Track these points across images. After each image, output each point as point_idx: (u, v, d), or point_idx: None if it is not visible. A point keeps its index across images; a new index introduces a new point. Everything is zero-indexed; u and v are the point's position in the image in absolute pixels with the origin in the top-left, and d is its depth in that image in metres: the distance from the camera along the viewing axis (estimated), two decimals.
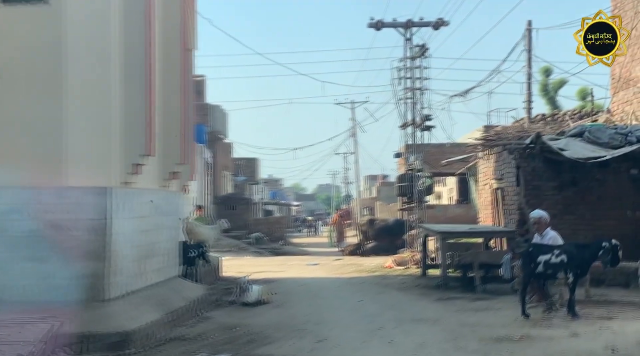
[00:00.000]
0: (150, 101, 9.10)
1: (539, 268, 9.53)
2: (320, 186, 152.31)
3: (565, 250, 9.48)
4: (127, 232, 8.65)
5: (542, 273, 9.56)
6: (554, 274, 9.55)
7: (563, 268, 9.38)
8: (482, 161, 16.84)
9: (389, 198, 47.46)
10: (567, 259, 9.36)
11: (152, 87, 9.28)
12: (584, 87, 38.78)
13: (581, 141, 12.07)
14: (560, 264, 9.39)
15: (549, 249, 9.63)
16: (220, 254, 24.34)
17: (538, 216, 10.82)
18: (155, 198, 10.05)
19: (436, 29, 26.01)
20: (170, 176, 11.19)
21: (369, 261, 22.66)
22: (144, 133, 8.88)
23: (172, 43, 11.51)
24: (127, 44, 8.96)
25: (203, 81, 35.73)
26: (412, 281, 14.89)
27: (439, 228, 14.72)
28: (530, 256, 9.66)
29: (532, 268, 9.56)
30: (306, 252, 32.14)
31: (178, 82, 11.34)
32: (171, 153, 11.01)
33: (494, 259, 13.27)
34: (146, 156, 9.04)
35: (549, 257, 9.48)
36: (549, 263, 9.46)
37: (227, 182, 43.75)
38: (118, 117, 8.78)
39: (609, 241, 9.30)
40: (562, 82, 40.05)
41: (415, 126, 26.37)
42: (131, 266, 8.88)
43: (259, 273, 17.39)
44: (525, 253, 9.83)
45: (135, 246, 9.03)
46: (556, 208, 13.50)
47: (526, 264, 9.70)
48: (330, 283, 15.33)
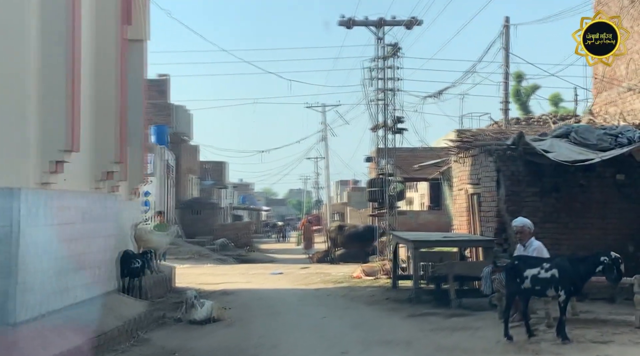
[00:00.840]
0: (74, 90, 7.73)
1: (526, 283, 8.37)
2: (292, 190, 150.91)
3: (557, 264, 8.32)
4: (43, 242, 7.29)
5: (530, 289, 8.41)
6: (542, 291, 8.39)
7: (554, 285, 8.21)
8: (457, 165, 15.74)
9: (360, 203, 46.48)
10: (558, 274, 8.20)
11: (77, 75, 7.91)
12: (557, 93, 38.27)
13: (567, 142, 11.01)
14: (551, 280, 8.23)
15: (537, 263, 8.49)
16: (180, 262, 23.00)
17: (521, 225, 9.70)
18: (85, 201, 8.68)
19: (409, 29, 25.01)
20: (104, 176, 9.81)
21: (337, 270, 21.45)
22: (65, 125, 7.52)
23: (107, 31, 10.17)
24: (47, 27, 7.61)
25: (166, 80, 34.29)
26: (382, 294, 13.70)
27: (411, 236, 13.55)
28: (516, 269, 8.50)
29: (518, 283, 8.41)
30: (273, 259, 30.82)
31: (114, 73, 9.99)
32: (105, 150, 9.65)
33: (470, 271, 12.13)
34: (68, 151, 7.68)
35: (537, 271, 8.32)
36: (538, 278, 8.30)
37: (192, 186, 42.21)
38: (35, 107, 7.42)
39: (607, 254, 8.15)
40: (535, 88, 39.55)
41: (386, 129, 25.30)
42: (49, 282, 7.52)
43: (216, 284, 16.06)
44: (510, 267, 8.67)
45: (55, 258, 7.66)
46: (537, 215, 12.38)
47: (511, 279, 8.54)
48: (293, 295, 14.07)
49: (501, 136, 12.59)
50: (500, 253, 13.09)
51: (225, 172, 55.90)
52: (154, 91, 33.54)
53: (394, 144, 25.09)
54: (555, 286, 8.18)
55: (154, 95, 33.20)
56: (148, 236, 14.39)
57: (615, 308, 10.91)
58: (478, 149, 13.82)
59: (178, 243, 26.06)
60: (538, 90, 39.23)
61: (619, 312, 10.53)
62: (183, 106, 34.76)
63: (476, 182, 14.25)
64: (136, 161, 14.37)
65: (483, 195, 13.75)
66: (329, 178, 57.77)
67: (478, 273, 12.01)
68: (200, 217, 38.12)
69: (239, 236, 37.41)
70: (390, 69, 24.95)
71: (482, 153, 13.62)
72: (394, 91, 24.96)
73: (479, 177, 14.07)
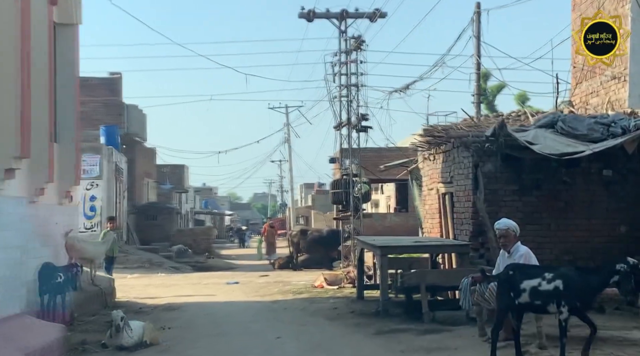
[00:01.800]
0: None
1: (523, 297, 6.94)
2: (256, 194, 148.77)
3: (562, 274, 6.91)
4: None
5: (527, 304, 6.97)
6: (543, 306, 6.96)
7: (556, 299, 6.80)
8: (427, 162, 14.38)
9: (325, 206, 45.20)
10: (563, 286, 6.79)
11: None
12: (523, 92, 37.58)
13: (553, 133, 9.71)
14: (554, 293, 6.80)
15: (537, 272, 7.08)
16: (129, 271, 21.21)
17: (505, 227, 8.34)
18: None
19: (373, 21, 23.71)
20: (5, 175, 8.12)
21: (299, 277, 19.96)
22: None
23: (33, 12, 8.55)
24: None
25: (118, 78, 32.36)
26: (346, 306, 12.25)
27: (378, 241, 12.12)
28: (511, 281, 7.07)
29: (513, 297, 6.99)
30: (233, 266, 29.20)
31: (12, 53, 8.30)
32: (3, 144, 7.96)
33: (444, 280, 10.76)
34: None
35: (537, 282, 6.90)
36: (538, 291, 6.87)
37: (149, 190, 40.30)
38: None
39: (624, 261, 6.73)
40: (501, 87, 38.88)
41: (350, 127, 23.93)
42: None
43: (162, 297, 14.42)
44: (505, 277, 7.22)
45: None
46: (516, 216, 11.01)
47: (504, 293, 7.09)
48: (246, 309, 12.52)
49: (476, 130, 11.26)
50: (477, 259, 11.77)
51: (185, 175, 54.01)
52: (105, 90, 31.68)
53: (359, 144, 23.75)
54: (558, 300, 6.78)
55: (104, 93, 31.34)
56: (81, 246, 12.72)
57: (608, 320, 9.64)
58: (451, 144, 12.48)
59: (127, 251, 24.27)
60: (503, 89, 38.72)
61: (615, 326, 9.25)
62: (136, 105, 32.83)
63: (448, 180, 12.92)
64: (67, 160, 12.72)
65: (456, 194, 12.41)
66: (293, 181, 56.33)
67: (453, 282, 10.63)
68: (156, 222, 36.30)
69: (197, 242, 35.71)
70: (354, 63, 23.64)
71: (456, 148, 12.29)
72: (357, 87, 23.61)
73: (451, 175, 12.73)
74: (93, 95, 31.26)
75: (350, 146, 23.71)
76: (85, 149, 23.80)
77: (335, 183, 24.94)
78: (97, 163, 23.18)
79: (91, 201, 23.21)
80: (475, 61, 15.88)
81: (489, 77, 34.90)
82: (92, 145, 24.43)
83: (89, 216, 23.27)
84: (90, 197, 23.22)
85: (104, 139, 26.56)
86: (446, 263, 13.03)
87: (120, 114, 31.14)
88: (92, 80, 32.25)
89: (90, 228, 23.20)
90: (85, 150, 23.71)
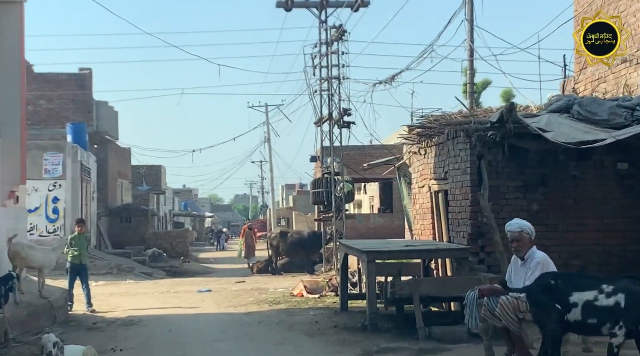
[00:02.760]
0: None
1: (573, 313, 5.54)
2: (238, 196, 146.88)
3: (624, 288, 5.48)
4: None
5: (578, 323, 5.57)
6: (597, 326, 5.55)
7: (614, 318, 5.40)
8: (418, 157, 13.01)
9: (306, 207, 43.84)
10: (625, 303, 5.39)
11: None
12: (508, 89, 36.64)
13: (568, 119, 8.36)
14: (613, 311, 5.40)
15: (590, 283, 5.65)
16: (95, 278, 19.59)
17: (518, 229, 7.01)
18: None
19: (355, 11, 22.31)
20: None
21: (278, 283, 18.54)
22: None
23: None
24: None
25: (88, 74, 30.68)
26: (328, 319, 10.82)
27: (364, 246, 10.69)
28: (554, 292, 5.63)
29: (559, 313, 5.54)
30: (210, 270, 27.70)
31: None
32: None
33: (441, 290, 9.37)
34: None
35: (593, 296, 5.49)
36: (595, 307, 5.47)
37: (123, 191, 38.60)
38: None
39: None
40: (486, 83, 37.90)
41: (332, 122, 22.53)
42: None
43: (123, 309, 12.91)
44: (545, 287, 5.76)
45: None
46: (519, 215, 9.65)
47: (551, 308, 5.62)
48: (215, 323, 11.05)
49: (473, 120, 9.88)
50: (476, 264, 10.39)
51: (162, 176, 52.30)
52: (73, 86, 30.04)
53: (341, 141, 22.39)
54: (616, 319, 5.38)
55: (73, 89, 29.71)
56: (27, 253, 11.23)
57: None
58: (445, 135, 11.09)
59: (95, 256, 22.60)
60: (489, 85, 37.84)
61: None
62: (106, 102, 31.16)
63: (442, 176, 11.54)
64: (11, 157, 11.23)
65: (452, 192, 11.03)
66: (273, 182, 54.82)
67: (451, 292, 9.31)
68: (130, 225, 34.69)
69: (173, 245, 34.20)
70: (335, 54, 22.24)
71: (451, 140, 10.91)
72: (339, 79, 22.22)
73: (445, 170, 11.35)
74: (61, 91, 29.68)
75: (332, 143, 22.35)
76: (47, 147, 22.23)
77: (316, 182, 23.55)
78: (59, 162, 21.53)
79: (54, 202, 21.57)
80: (468, 46, 14.53)
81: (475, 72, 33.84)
82: (55, 143, 22.81)
83: (51, 219, 21.64)
84: (53, 198, 21.59)
85: (70, 138, 24.94)
86: (440, 269, 11.66)
87: (89, 111, 29.52)
88: (61, 76, 30.65)
89: (53, 232, 21.58)
90: (47, 148, 22.14)
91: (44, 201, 21.47)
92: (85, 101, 29.50)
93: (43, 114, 29.42)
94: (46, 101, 29.26)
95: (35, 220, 21.25)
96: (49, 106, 29.38)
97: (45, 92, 29.19)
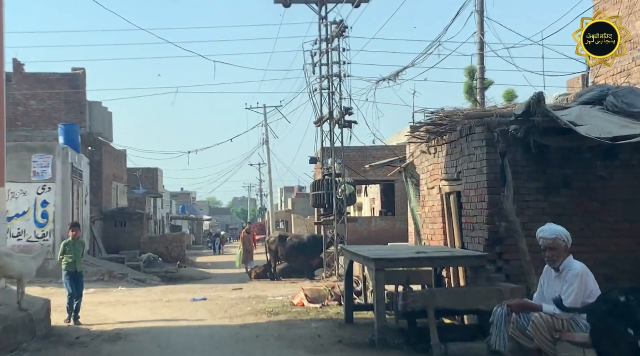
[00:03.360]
0: None
1: None
2: (236, 199, 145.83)
3: None
4: None
5: None
6: None
7: None
8: (426, 156, 12.12)
9: (305, 210, 43.04)
10: None
11: None
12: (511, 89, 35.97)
13: (602, 111, 7.48)
14: None
15: None
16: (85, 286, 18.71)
17: (552, 236, 6.15)
18: None
19: (356, 6, 21.47)
20: None
21: (277, 290, 17.64)
22: None
23: None
24: None
25: (81, 74, 29.78)
26: (332, 333, 9.92)
27: (371, 253, 9.78)
28: (624, 312, 4.70)
29: (633, 341, 4.63)
30: (206, 275, 26.80)
31: None
32: None
33: (458, 302, 8.47)
34: None
35: None
36: None
37: (119, 194, 37.69)
38: None
39: None
40: (488, 83, 37.25)
41: (332, 122, 21.67)
42: None
43: (111, 321, 11.99)
44: (613, 304, 4.82)
45: None
46: (541, 219, 8.82)
47: (618, 334, 4.72)
48: (208, 338, 10.13)
49: (495, 111, 9.00)
50: (493, 273, 9.50)
51: (159, 179, 51.40)
52: (66, 86, 29.14)
53: (342, 141, 21.54)
54: None
55: (64, 89, 28.81)
56: (5, 261, 10.33)
57: None
58: (457, 132, 10.21)
59: (86, 262, 21.63)
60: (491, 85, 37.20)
61: None
62: (99, 102, 30.24)
63: (454, 177, 10.65)
64: None
65: (465, 194, 10.14)
66: (272, 184, 53.89)
67: (470, 304, 8.41)
68: (125, 229, 33.83)
69: (170, 250, 33.27)
70: (336, 51, 21.40)
71: (464, 138, 10.03)
72: (340, 77, 21.37)
73: (458, 170, 10.47)
74: (53, 91, 28.80)
75: (332, 143, 21.49)
76: (36, 149, 21.30)
77: (316, 184, 22.72)
78: (49, 164, 20.60)
79: (43, 206, 20.63)
80: (478, 39, 13.65)
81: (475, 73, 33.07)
82: (44, 144, 21.89)
83: (40, 223, 20.68)
84: (42, 202, 20.64)
85: (62, 139, 24.00)
86: (452, 278, 10.77)
87: (82, 112, 28.63)
88: (53, 75, 29.77)
89: (42, 237, 20.64)
90: (36, 149, 21.21)
91: (32, 204, 20.54)
92: (78, 101, 28.61)
93: (34, 115, 28.58)
94: (37, 101, 28.39)
95: (23, 225, 20.35)
96: (40, 107, 28.51)
97: (36, 92, 28.33)
